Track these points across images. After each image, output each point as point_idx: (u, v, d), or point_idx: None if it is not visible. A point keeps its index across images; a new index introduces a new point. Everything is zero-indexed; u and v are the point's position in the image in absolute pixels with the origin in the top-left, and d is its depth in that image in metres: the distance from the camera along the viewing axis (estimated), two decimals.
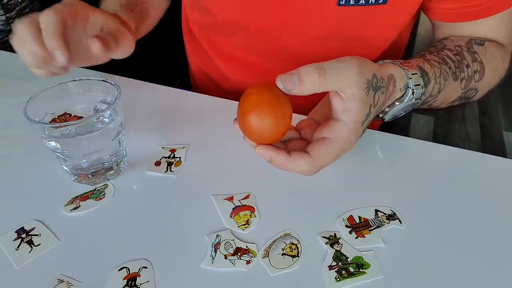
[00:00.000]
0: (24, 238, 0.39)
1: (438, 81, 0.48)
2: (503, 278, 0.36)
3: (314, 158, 0.37)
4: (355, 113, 0.38)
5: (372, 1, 0.52)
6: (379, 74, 0.40)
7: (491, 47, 0.55)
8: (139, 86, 0.61)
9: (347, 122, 0.38)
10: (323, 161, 0.38)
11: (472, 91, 0.54)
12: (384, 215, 0.41)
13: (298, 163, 0.37)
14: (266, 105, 0.35)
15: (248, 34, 0.60)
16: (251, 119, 0.36)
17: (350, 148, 0.39)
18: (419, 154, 0.49)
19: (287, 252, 0.38)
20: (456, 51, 0.53)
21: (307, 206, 0.42)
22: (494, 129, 1.76)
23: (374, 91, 0.39)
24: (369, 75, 0.38)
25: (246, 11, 0.58)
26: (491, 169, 0.46)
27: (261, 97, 0.36)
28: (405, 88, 0.44)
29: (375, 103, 0.40)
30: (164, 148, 0.49)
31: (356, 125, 0.38)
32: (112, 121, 0.42)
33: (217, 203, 0.42)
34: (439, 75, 0.48)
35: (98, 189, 0.44)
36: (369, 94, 0.38)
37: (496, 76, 0.57)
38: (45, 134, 0.41)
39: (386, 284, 0.35)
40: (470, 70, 0.52)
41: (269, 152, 0.37)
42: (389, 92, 0.42)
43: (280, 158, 0.37)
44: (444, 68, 0.50)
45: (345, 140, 0.38)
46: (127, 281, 0.36)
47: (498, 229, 0.40)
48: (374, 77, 0.39)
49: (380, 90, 0.40)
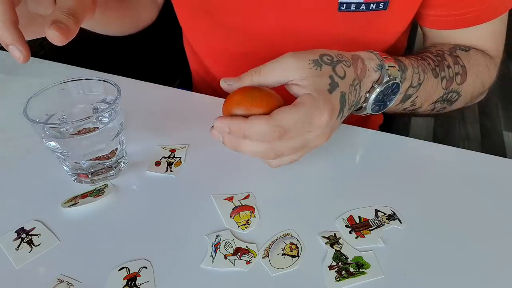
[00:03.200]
0: (24, 238, 0.39)
1: (417, 71, 0.48)
2: (503, 278, 0.36)
3: (272, 117, 0.36)
4: (310, 82, 0.39)
5: (372, 7, 0.52)
6: (333, 54, 0.41)
7: (476, 54, 0.56)
8: (139, 86, 0.61)
9: (307, 93, 0.38)
10: (282, 121, 0.36)
11: (454, 94, 0.54)
12: (384, 215, 0.41)
13: (256, 123, 0.36)
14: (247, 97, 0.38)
15: (246, 39, 0.60)
16: (239, 111, 0.38)
17: (320, 115, 0.38)
18: (419, 154, 0.49)
19: (287, 252, 0.38)
20: (436, 53, 0.53)
21: (307, 206, 0.42)
22: (494, 129, 1.76)
23: (331, 66, 0.40)
24: (312, 56, 0.40)
25: (245, 16, 0.58)
26: (491, 169, 0.46)
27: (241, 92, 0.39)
28: (379, 68, 0.44)
29: (340, 75, 0.40)
30: (164, 148, 0.49)
31: (318, 92, 0.38)
32: (112, 121, 0.42)
33: (217, 203, 0.42)
34: (417, 66, 0.48)
35: (98, 189, 0.44)
36: (322, 69, 0.39)
37: (479, 83, 0.56)
38: (45, 134, 0.41)
39: (386, 284, 0.35)
40: (451, 71, 0.52)
41: (226, 121, 0.37)
42: (358, 68, 0.42)
43: (238, 123, 0.37)
44: (422, 63, 0.50)
45: (310, 105, 0.37)
46: (127, 281, 0.36)
47: (498, 229, 0.40)
48: (323, 56, 0.40)
49: (342, 64, 0.41)
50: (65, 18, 0.36)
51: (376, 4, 0.52)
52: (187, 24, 0.66)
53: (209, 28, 0.62)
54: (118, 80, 0.52)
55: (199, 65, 0.73)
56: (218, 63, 0.68)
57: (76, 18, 0.37)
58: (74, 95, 0.46)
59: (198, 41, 0.68)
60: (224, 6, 0.57)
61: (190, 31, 0.67)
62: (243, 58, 0.63)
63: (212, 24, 0.61)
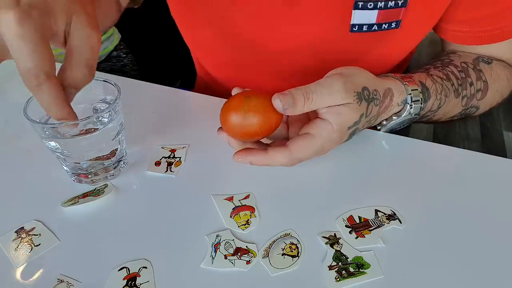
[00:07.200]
0: (24, 238, 0.39)
1: (439, 97, 0.49)
2: (503, 278, 0.36)
3: (291, 151, 0.40)
4: (342, 117, 0.40)
5: (385, 27, 0.51)
6: (372, 87, 0.42)
7: (498, 67, 0.55)
8: (139, 86, 0.61)
9: (331, 123, 0.40)
10: (300, 155, 0.40)
11: (473, 109, 0.55)
12: (384, 215, 0.41)
13: (276, 157, 0.40)
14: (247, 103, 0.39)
15: (255, 52, 0.59)
16: (235, 116, 0.39)
17: (331, 147, 0.41)
18: (419, 154, 0.49)
19: (287, 252, 0.38)
20: (461, 68, 0.53)
21: (307, 206, 0.42)
22: (494, 129, 1.76)
23: (367, 102, 0.41)
24: (357, 88, 0.40)
25: (256, 31, 0.56)
26: (491, 169, 0.46)
27: (239, 99, 0.39)
28: (403, 103, 0.46)
29: (367, 113, 0.42)
30: (164, 148, 0.49)
31: (340, 127, 0.40)
32: (112, 121, 0.42)
33: (217, 203, 0.42)
34: (440, 91, 0.49)
35: (98, 189, 0.44)
36: (361, 104, 0.40)
37: (498, 96, 0.57)
38: (45, 134, 0.41)
39: (386, 284, 0.35)
40: (473, 89, 0.52)
41: (248, 157, 0.40)
42: (384, 105, 0.44)
43: (259, 158, 0.40)
44: (446, 85, 0.50)
45: (326, 139, 0.40)
46: (127, 281, 0.36)
47: (498, 229, 0.40)
48: (364, 90, 0.41)
49: (374, 102, 0.42)
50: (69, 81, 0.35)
51: (388, 23, 0.51)
52: (187, 33, 0.65)
53: (213, 38, 0.60)
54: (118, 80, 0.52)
55: (201, 69, 0.73)
56: (222, 72, 0.67)
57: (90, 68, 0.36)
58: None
59: (199, 49, 0.67)
60: (234, 18, 0.56)
61: (190, 39, 0.66)
62: (250, 69, 0.62)
63: (217, 35, 0.59)
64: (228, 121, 0.39)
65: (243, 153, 0.40)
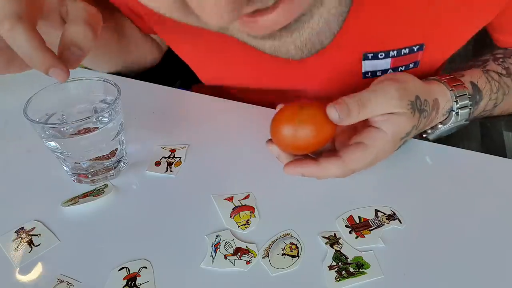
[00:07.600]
0: (24, 238, 0.39)
1: (494, 97, 0.46)
2: (503, 278, 0.36)
3: (345, 162, 0.38)
4: (397, 126, 0.38)
5: (401, 69, 0.49)
6: (423, 96, 0.40)
7: None
8: (139, 86, 0.61)
9: (386, 133, 0.38)
10: (355, 165, 0.38)
11: None
12: (384, 215, 0.41)
13: (329, 168, 0.38)
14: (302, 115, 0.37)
15: (265, 93, 0.58)
16: (287, 127, 0.37)
17: (384, 157, 0.40)
18: (419, 154, 0.49)
19: (287, 252, 0.38)
20: None
21: (307, 206, 0.42)
22: (494, 129, 1.75)
23: (419, 113, 0.39)
24: (411, 96, 0.38)
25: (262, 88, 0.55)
26: (491, 169, 0.46)
27: (291, 110, 0.38)
28: (448, 112, 0.43)
29: (418, 124, 0.40)
30: (164, 148, 0.49)
31: (395, 137, 0.38)
32: (112, 121, 0.42)
33: (217, 203, 0.42)
34: (496, 90, 0.46)
35: (98, 189, 0.44)
36: (414, 115, 0.39)
37: None
38: (45, 134, 0.41)
39: (386, 284, 0.35)
40: None
41: (299, 169, 0.38)
42: (431, 117, 0.42)
43: (311, 170, 0.38)
44: (505, 81, 0.47)
45: (380, 149, 0.38)
46: (127, 281, 0.36)
47: (498, 229, 0.40)
48: (417, 99, 0.39)
49: (423, 114, 0.40)
50: (72, 45, 0.36)
51: (406, 66, 0.49)
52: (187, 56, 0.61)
53: (219, 66, 0.58)
54: (118, 80, 0.52)
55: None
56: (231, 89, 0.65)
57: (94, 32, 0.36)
58: (74, 95, 0.45)
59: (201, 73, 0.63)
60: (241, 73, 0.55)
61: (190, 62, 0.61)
62: (257, 90, 0.60)
63: (221, 63, 0.57)
64: (280, 132, 0.37)
65: (293, 164, 0.39)
